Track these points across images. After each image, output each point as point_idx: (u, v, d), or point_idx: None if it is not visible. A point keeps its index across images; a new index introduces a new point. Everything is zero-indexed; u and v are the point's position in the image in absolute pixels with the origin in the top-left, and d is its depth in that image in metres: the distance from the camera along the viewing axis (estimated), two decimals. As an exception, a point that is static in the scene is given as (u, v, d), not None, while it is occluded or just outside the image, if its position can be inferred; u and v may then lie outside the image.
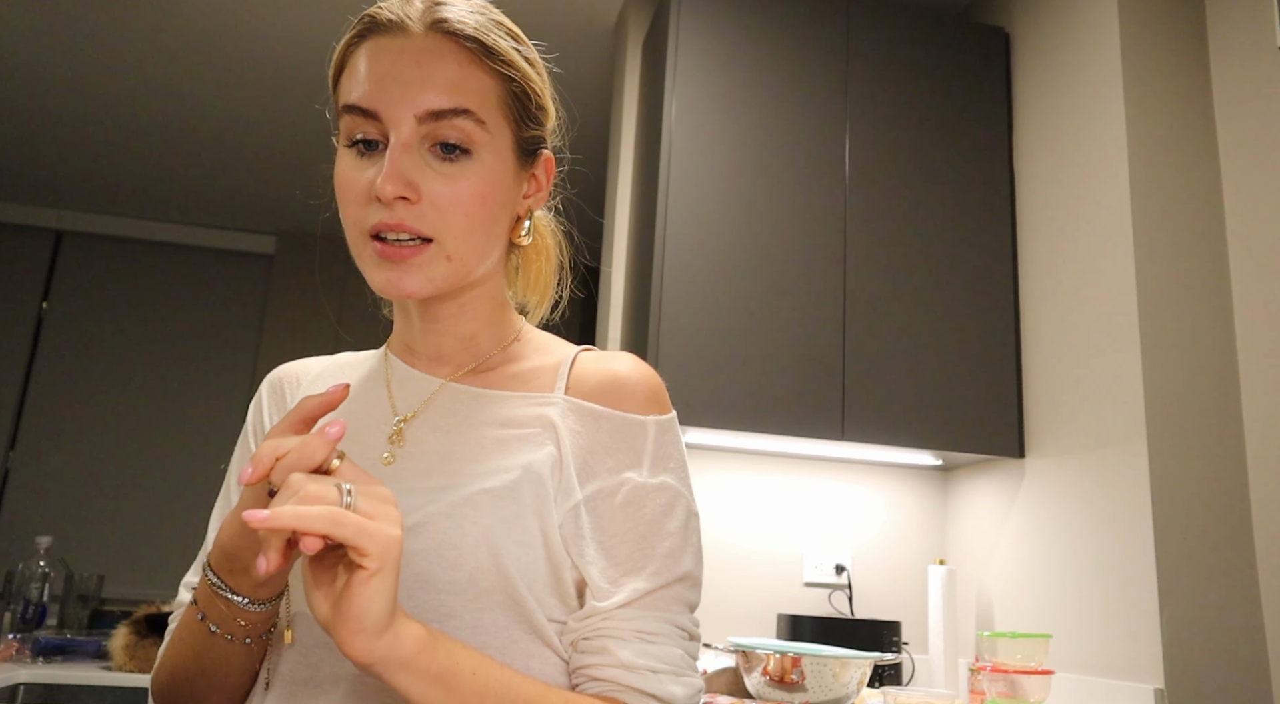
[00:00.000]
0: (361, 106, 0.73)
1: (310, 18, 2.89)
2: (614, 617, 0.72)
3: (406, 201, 0.72)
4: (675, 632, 0.73)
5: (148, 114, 3.57)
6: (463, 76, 0.74)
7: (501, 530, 0.70)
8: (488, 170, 0.75)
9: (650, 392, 0.79)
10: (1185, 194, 2.00)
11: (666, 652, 0.72)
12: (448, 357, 0.83)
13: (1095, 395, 1.99)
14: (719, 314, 2.11)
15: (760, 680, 1.72)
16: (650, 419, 0.77)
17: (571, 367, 0.81)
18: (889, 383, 2.16)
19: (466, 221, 0.74)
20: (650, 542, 0.74)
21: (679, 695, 0.71)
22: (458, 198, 0.73)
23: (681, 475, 0.78)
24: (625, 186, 2.55)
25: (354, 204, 0.74)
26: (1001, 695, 1.80)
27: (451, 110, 0.72)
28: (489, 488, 0.72)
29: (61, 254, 4.56)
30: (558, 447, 0.75)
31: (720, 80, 2.24)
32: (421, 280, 0.73)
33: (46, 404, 4.36)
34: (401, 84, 0.72)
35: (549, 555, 0.72)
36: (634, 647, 0.70)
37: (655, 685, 0.70)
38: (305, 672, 0.71)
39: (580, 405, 0.77)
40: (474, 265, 0.77)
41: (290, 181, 4.11)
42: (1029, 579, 2.13)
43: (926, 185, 2.30)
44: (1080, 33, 2.17)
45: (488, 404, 0.79)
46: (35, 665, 2.32)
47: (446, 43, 0.74)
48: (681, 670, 0.72)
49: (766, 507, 2.39)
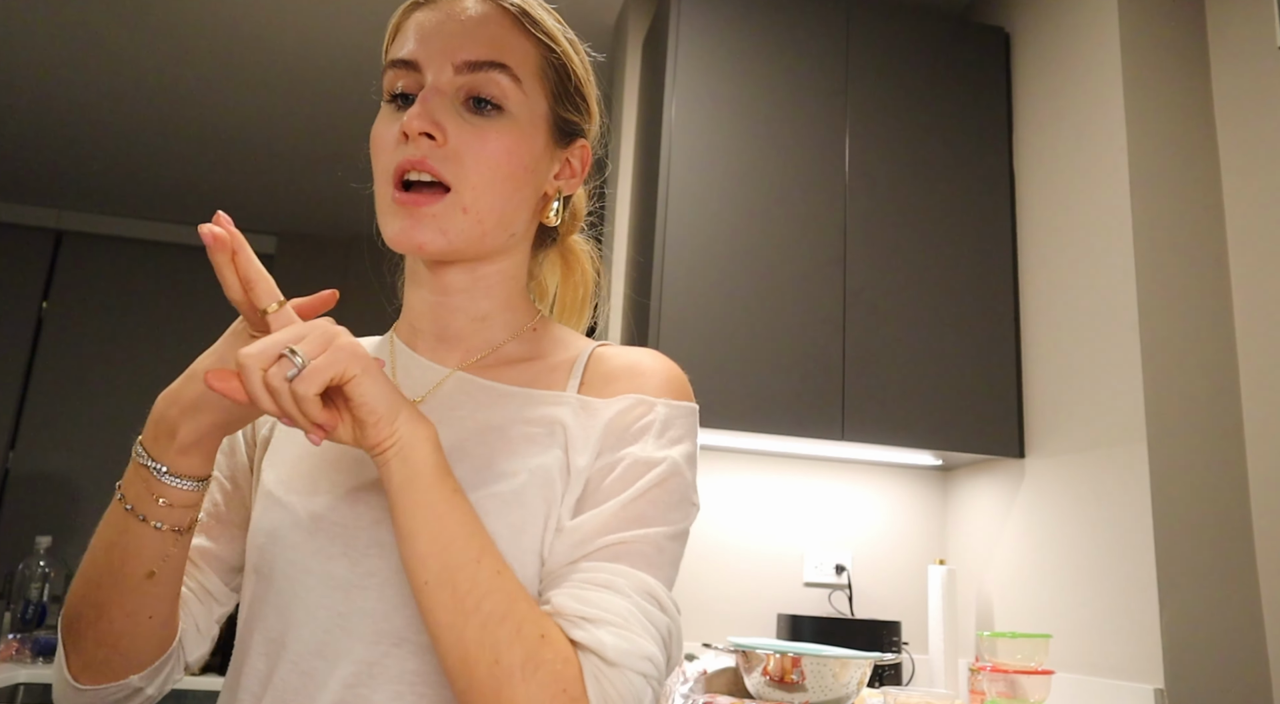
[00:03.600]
0: (403, 58, 0.75)
1: (311, 18, 2.89)
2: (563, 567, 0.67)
3: (432, 142, 0.72)
4: (631, 588, 0.65)
5: (148, 114, 3.57)
6: (503, 36, 0.76)
7: (507, 536, 0.68)
8: (518, 130, 0.75)
9: (669, 379, 0.76)
10: (1185, 194, 1.99)
11: (607, 599, 0.63)
12: (456, 337, 0.80)
13: (1095, 395, 1.99)
14: (719, 314, 2.11)
15: (760, 680, 1.72)
16: (660, 401, 0.74)
17: (588, 361, 0.79)
18: (889, 383, 2.16)
19: (490, 174, 0.73)
20: (632, 503, 0.68)
21: (608, 644, 0.61)
22: (484, 149, 0.73)
23: (689, 462, 0.73)
24: (625, 186, 2.55)
25: (384, 151, 0.74)
26: (1001, 695, 1.80)
27: (489, 62, 0.74)
28: (496, 492, 0.69)
29: (61, 254, 4.55)
30: (565, 450, 0.72)
31: (720, 80, 2.24)
32: (434, 232, 0.72)
33: (46, 404, 4.36)
34: (444, 37, 0.74)
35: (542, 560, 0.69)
36: (572, 592, 0.64)
37: (581, 632, 0.62)
38: (298, 680, 0.69)
39: (592, 403, 0.74)
40: (491, 226, 0.75)
41: (290, 181, 4.11)
42: (1029, 579, 2.13)
43: (926, 185, 2.30)
44: (1080, 33, 2.17)
45: (496, 399, 0.76)
46: (35, 665, 2.32)
47: (492, 8, 0.77)
48: (625, 624, 0.62)
49: (766, 507, 2.39)
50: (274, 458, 0.79)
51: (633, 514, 0.68)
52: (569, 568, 0.66)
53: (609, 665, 0.61)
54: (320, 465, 0.75)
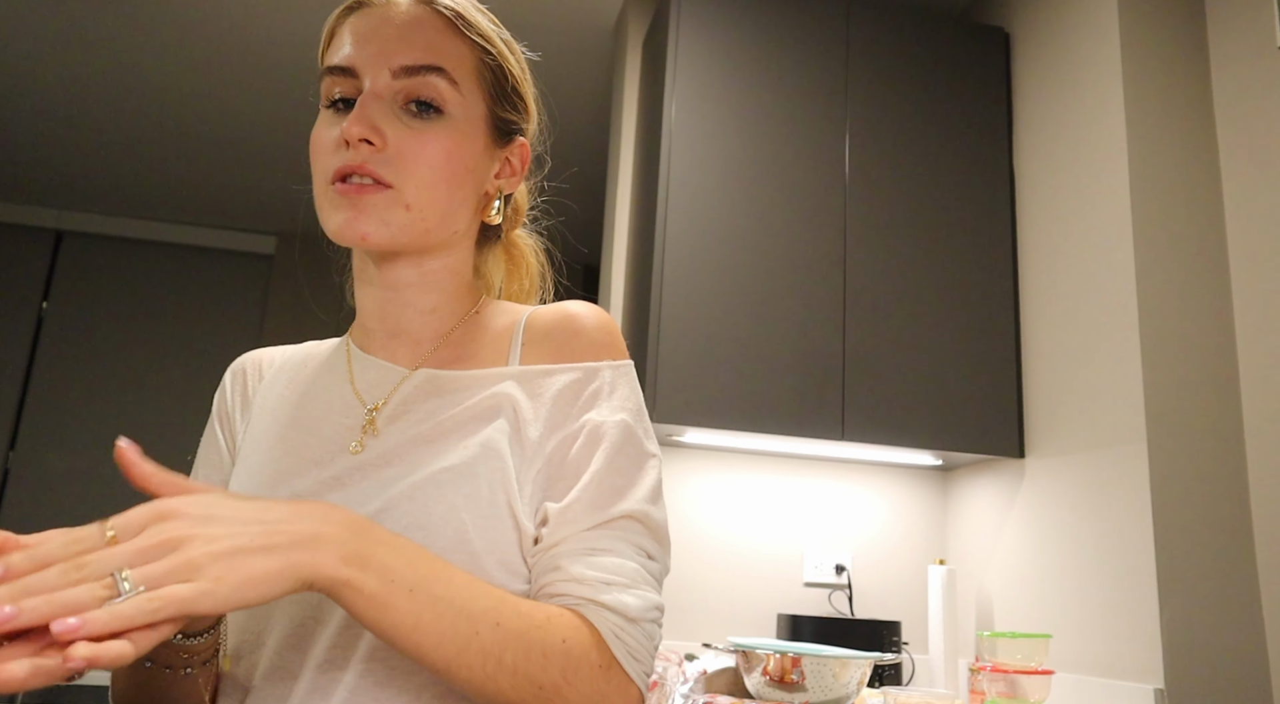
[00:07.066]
0: (340, 65, 0.76)
1: (310, 18, 2.89)
2: (566, 541, 0.70)
3: (371, 147, 0.73)
4: (630, 549, 0.71)
5: (148, 114, 3.57)
6: (439, 40, 0.77)
7: (465, 505, 0.69)
8: (457, 131, 0.77)
9: (605, 335, 0.79)
10: (1185, 194, 2.00)
11: (619, 564, 0.70)
12: (407, 332, 0.82)
13: (1095, 395, 1.99)
14: (719, 314, 2.11)
15: (760, 680, 1.72)
16: (604, 364, 0.77)
17: (524, 327, 0.81)
18: (889, 383, 2.16)
19: (430, 174, 0.75)
20: (604, 475, 0.72)
21: (630, 605, 0.68)
22: (423, 151, 0.74)
23: (639, 416, 0.77)
24: (625, 186, 2.55)
25: (323, 155, 0.75)
26: (1001, 695, 1.80)
27: (425, 66, 0.75)
28: (448, 465, 0.71)
29: (61, 254, 4.55)
30: (513, 419, 0.74)
31: (720, 80, 2.24)
32: (377, 223, 0.73)
33: (46, 404, 4.36)
34: (380, 41, 0.75)
35: (516, 525, 0.71)
36: (585, 561, 0.69)
37: (607, 595, 0.68)
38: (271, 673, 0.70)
39: (534, 371, 0.77)
40: (434, 222, 0.76)
41: (290, 182, 4.11)
42: (1029, 579, 2.13)
43: (926, 185, 2.30)
44: (1080, 33, 2.17)
45: (445, 385, 0.78)
46: (35, 665, 2.31)
47: (426, 12, 0.78)
48: (635, 582, 0.70)
49: (766, 507, 2.39)
50: (240, 468, 0.80)
51: (609, 488, 0.72)
52: (575, 540, 0.70)
53: (630, 622, 0.68)
54: (279, 474, 0.76)
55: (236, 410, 0.86)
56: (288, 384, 0.85)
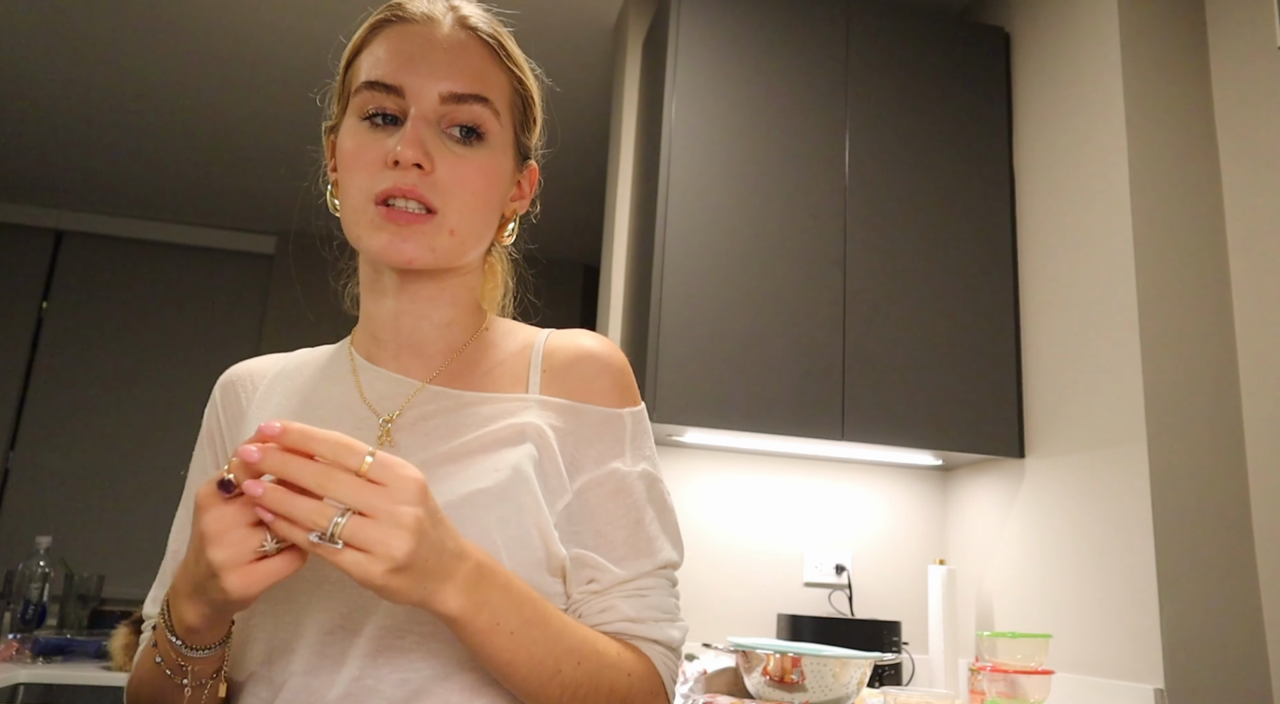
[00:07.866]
0: (385, 82, 0.76)
1: (310, 18, 2.89)
2: (617, 587, 0.78)
3: (421, 171, 0.74)
4: (667, 585, 0.81)
5: (148, 114, 3.57)
6: (485, 69, 0.79)
7: (498, 528, 0.71)
8: (495, 159, 0.80)
9: (625, 377, 0.83)
10: (1185, 194, 2.00)
11: (661, 601, 0.80)
12: (420, 344, 0.83)
13: (1095, 395, 1.99)
14: (719, 314, 2.11)
15: (760, 680, 1.72)
16: (626, 412, 0.82)
17: (542, 355, 0.83)
18: (889, 383, 2.16)
19: (473, 200, 0.77)
20: (642, 526, 0.80)
21: (677, 638, 0.80)
22: (468, 177, 0.77)
23: (655, 461, 0.84)
24: (625, 186, 2.55)
25: (365, 170, 0.76)
26: (1001, 695, 1.80)
27: (473, 95, 0.77)
28: (483, 488, 0.73)
29: (61, 254, 4.55)
30: (538, 446, 0.77)
31: (720, 80, 2.24)
32: (423, 248, 0.75)
33: (46, 404, 4.36)
34: (430, 64, 0.77)
35: (545, 547, 0.74)
36: (634, 602, 0.78)
37: (659, 632, 0.78)
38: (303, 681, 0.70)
39: (556, 404, 0.80)
40: (471, 246, 0.79)
41: (290, 182, 4.11)
42: (1029, 579, 2.13)
43: (926, 185, 2.30)
44: (1080, 33, 2.17)
45: (465, 406, 0.79)
46: (35, 665, 2.32)
47: (472, 38, 0.80)
48: (675, 616, 0.81)
49: (766, 507, 2.39)
50: None
51: (646, 539, 0.80)
52: (625, 587, 0.79)
53: (674, 652, 0.80)
54: None
55: (229, 423, 0.85)
56: (285, 392, 0.84)
